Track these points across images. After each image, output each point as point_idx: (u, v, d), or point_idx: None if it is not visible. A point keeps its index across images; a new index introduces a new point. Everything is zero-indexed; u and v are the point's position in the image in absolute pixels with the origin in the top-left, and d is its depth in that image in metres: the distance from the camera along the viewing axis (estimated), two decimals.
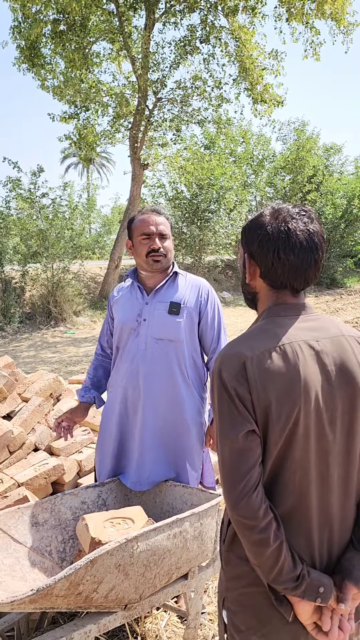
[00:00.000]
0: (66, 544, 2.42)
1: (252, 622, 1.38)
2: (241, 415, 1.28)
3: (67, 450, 3.55)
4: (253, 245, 1.42)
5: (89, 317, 14.73)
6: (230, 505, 1.28)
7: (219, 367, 1.33)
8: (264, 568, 1.29)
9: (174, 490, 2.60)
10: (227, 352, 1.35)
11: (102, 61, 14.28)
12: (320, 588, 1.30)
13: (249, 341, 1.35)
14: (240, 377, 1.29)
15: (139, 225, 2.60)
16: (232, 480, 1.28)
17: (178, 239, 18.49)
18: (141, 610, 2.14)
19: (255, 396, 1.28)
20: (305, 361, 1.33)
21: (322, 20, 12.49)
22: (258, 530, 1.26)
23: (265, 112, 13.58)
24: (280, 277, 1.39)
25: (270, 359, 1.31)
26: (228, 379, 1.30)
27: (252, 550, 1.29)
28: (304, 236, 1.37)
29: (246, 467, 1.28)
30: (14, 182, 13.50)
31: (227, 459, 1.30)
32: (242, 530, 1.29)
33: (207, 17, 12.76)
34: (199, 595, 2.37)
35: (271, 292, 1.44)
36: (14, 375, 4.14)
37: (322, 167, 26.43)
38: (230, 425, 1.29)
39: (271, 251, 1.37)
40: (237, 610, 1.41)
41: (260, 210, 1.46)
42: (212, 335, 2.66)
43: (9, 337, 12.46)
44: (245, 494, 1.26)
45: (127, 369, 2.59)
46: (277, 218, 1.39)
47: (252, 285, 1.48)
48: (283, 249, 1.36)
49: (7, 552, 2.17)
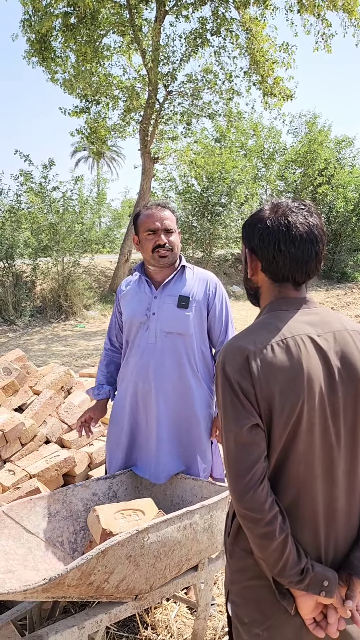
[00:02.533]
0: (77, 535, 2.44)
1: (256, 614, 1.39)
2: (245, 409, 1.29)
3: (78, 443, 3.58)
4: (254, 240, 1.44)
5: (99, 311, 14.77)
6: (236, 499, 1.29)
7: (222, 361, 1.34)
8: (269, 561, 1.30)
9: (184, 482, 2.62)
10: (230, 347, 1.36)
11: (112, 54, 14.24)
12: (324, 582, 1.30)
13: (252, 335, 1.36)
14: (243, 371, 1.30)
15: (144, 221, 2.60)
16: (238, 474, 1.29)
17: (188, 232, 18.45)
18: (151, 600, 2.17)
19: (258, 390, 1.29)
20: (308, 355, 1.33)
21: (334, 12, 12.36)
22: (264, 524, 1.27)
23: (275, 105, 13.49)
24: (282, 270, 1.41)
25: (273, 353, 1.31)
26: (231, 373, 1.31)
27: (257, 543, 1.30)
28: (303, 229, 1.38)
29: (251, 460, 1.29)
30: (25, 175, 13.52)
31: (232, 452, 1.31)
32: (247, 524, 1.30)
33: (218, 9, 12.66)
34: (209, 587, 2.39)
35: (273, 286, 1.45)
36: (25, 369, 4.18)
37: (334, 160, 26.24)
38: (234, 419, 1.30)
39: (272, 244, 1.39)
40: (240, 602, 1.43)
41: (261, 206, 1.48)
42: (220, 328, 2.67)
43: (20, 330, 12.53)
44: (250, 488, 1.27)
45: (137, 362, 2.60)
46: (276, 212, 1.41)
47: (254, 280, 1.50)
48: (284, 242, 1.38)
49: (20, 542, 2.20)
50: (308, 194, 25.23)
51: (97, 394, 2.85)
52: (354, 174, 26.05)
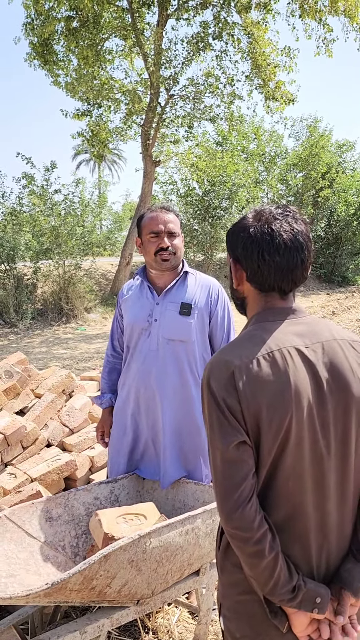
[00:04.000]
0: (79, 539, 2.44)
1: (247, 630, 1.36)
2: (231, 426, 1.26)
3: (79, 446, 3.58)
4: (237, 249, 1.40)
5: (100, 314, 14.77)
6: (224, 518, 1.26)
7: (208, 376, 1.31)
8: (260, 580, 1.27)
9: (186, 487, 2.62)
10: (215, 361, 1.32)
11: (114, 58, 14.28)
12: (317, 598, 1.28)
13: (238, 349, 1.32)
14: (229, 387, 1.27)
15: (147, 223, 2.58)
16: (225, 492, 1.26)
17: (189, 236, 18.46)
18: (153, 605, 2.16)
19: (245, 406, 1.25)
20: (295, 367, 1.30)
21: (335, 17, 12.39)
22: (253, 542, 1.24)
23: (277, 109, 13.52)
24: (267, 280, 1.37)
25: (259, 367, 1.28)
26: (217, 389, 1.27)
27: (247, 562, 1.27)
28: (288, 236, 1.34)
29: (239, 478, 1.25)
30: (28, 178, 13.55)
31: (219, 470, 1.27)
32: (236, 542, 1.27)
33: (219, 13, 12.71)
34: (210, 592, 2.38)
35: (259, 296, 1.41)
36: (27, 372, 4.18)
37: (335, 164, 26.27)
38: (220, 436, 1.26)
39: (256, 253, 1.35)
40: (232, 617, 1.40)
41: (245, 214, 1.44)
42: (221, 335, 2.66)
43: (21, 333, 12.53)
44: (239, 506, 1.24)
45: (139, 368, 2.60)
46: (259, 220, 1.37)
47: (240, 290, 1.46)
48: (267, 251, 1.34)
49: (22, 547, 2.20)
50: (309, 198, 25.25)
51: (101, 402, 2.87)
52: (355, 178, 26.07)
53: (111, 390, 2.86)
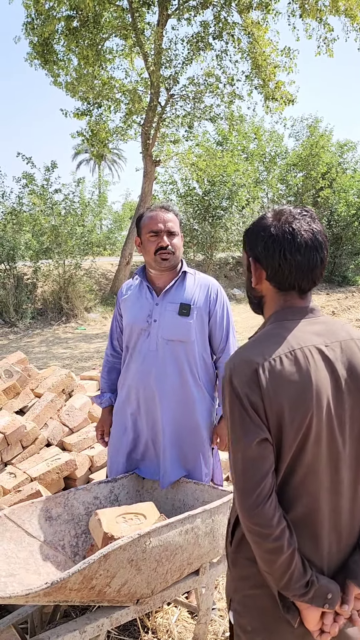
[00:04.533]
0: (79, 539, 2.44)
1: (258, 623, 1.38)
2: (254, 422, 1.27)
3: (79, 446, 3.58)
4: (257, 248, 1.41)
5: (100, 313, 14.77)
6: (244, 514, 1.27)
7: (230, 374, 1.32)
8: (276, 575, 1.28)
9: (186, 487, 2.62)
10: (237, 359, 1.33)
11: (114, 57, 14.28)
12: (328, 594, 1.30)
13: (260, 347, 1.33)
14: (252, 384, 1.28)
15: (147, 223, 2.58)
16: (246, 489, 1.27)
17: (189, 235, 18.46)
18: (153, 605, 2.16)
19: (267, 403, 1.27)
20: (316, 367, 1.32)
21: (336, 17, 12.38)
22: (272, 539, 1.25)
23: (277, 109, 13.51)
24: (288, 278, 1.38)
25: (282, 365, 1.29)
26: (240, 386, 1.28)
27: (264, 558, 1.29)
28: (308, 236, 1.36)
29: (260, 475, 1.26)
30: (28, 177, 13.55)
31: (240, 467, 1.28)
32: (255, 538, 1.28)
33: (220, 13, 12.70)
34: (210, 591, 2.39)
35: (278, 294, 1.42)
36: (27, 371, 4.18)
37: (336, 164, 26.26)
38: (242, 433, 1.28)
39: (277, 252, 1.36)
40: (243, 611, 1.42)
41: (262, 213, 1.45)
42: (220, 335, 2.66)
43: (21, 332, 12.53)
44: (259, 503, 1.25)
45: (138, 369, 2.60)
46: (279, 219, 1.39)
47: (258, 289, 1.47)
48: (289, 250, 1.35)
49: (21, 546, 2.20)
50: (309, 198, 25.24)
51: (100, 402, 2.87)
52: (356, 178, 26.06)
53: (111, 390, 2.86)
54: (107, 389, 2.87)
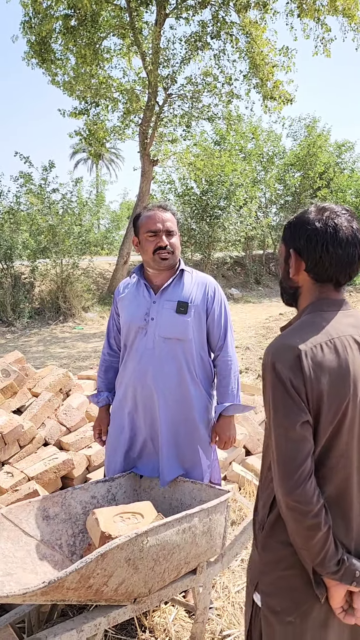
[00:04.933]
0: (76, 538, 2.44)
1: (289, 603, 1.45)
2: (297, 405, 1.34)
3: (76, 445, 3.58)
4: (300, 241, 1.48)
5: (98, 313, 14.77)
6: (286, 492, 1.34)
7: (272, 359, 1.38)
8: (313, 552, 1.36)
9: (183, 486, 2.62)
10: (279, 345, 1.40)
11: (112, 57, 14.26)
12: (356, 572, 1.38)
13: (300, 335, 1.41)
14: (295, 369, 1.35)
15: (145, 222, 2.58)
16: (289, 469, 1.34)
17: (187, 235, 18.46)
18: (150, 604, 2.17)
19: (309, 388, 1.34)
20: (354, 355, 1.40)
21: (334, 17, 12.38)
22: (312, 516, 1.33)
23: (275, 108, 13.51)
24: (327, 271, 1.46)
25: (322, 353, 1.37)
26: (283, 371, 1.35)
27: (303, 535, 1.36)
28: (349, 232, 1.45)
29: (302, 455, 1.34)
30: (25, 177, 13.54)
31: (283, 448, 1.35)
32: (296, 516, 1.35)
33: (218, 12, 12.69)
34: (207, 591, 2.39)
35: (315, 286, 1.50)
36: (24, 370, 4.18)
37: (333, 164, 26.28)
38: (286, 415, 1.35)
39: (320, 245, 1.44)
40: (273, 592, 1.48)
41: (304, 208, 1.54)
42: (218, 333, 2.66)
43: (19, 332, 12.52)
44: (301, 482, 1.33)
45: (136, 367, 2.60)
46: (323, 214, 1.47)
47: (295, 279, 1.54)
48: (332, 243, 1.43)
49: (19, 545, 2.20)
50: (307, 198, 25.27)
51: (97, 401, 2.86)
52: (353, 177, 26.09)
53: (107, 389, 2.86)
54: (104, 388, 2.87)
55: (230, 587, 2.89)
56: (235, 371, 2.68)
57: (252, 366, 8.10)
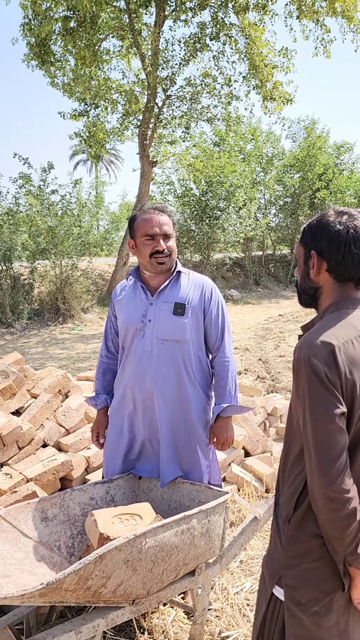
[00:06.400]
0: (75, 539, 2.44)
1: (315, 594, 1.51)
2: (335, 398, 1.39)
3: (75, 447, 3.58)
4: (322, 242, 1.55)
5: (97, 314, 14.77)
6: (327, 483, 1.38)
7: (307, 354, 1.43)
8: (347, 540, 1.42)
9: (182, 487, 2.62)
10: (312, 341, 1.45)
11: (111, 58, 14.26)
12: None
13: (331, 330, 1.46)
14: (330, 363, 1.40)
15: (141, 225, 2.56)
16: (329, 460, 1.39)
17: (186, 236, 18.46)
18: (149, 605, 2.16)
19: (344, 381, 1.40)
20: None
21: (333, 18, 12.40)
22: (349, 504, 1.39)
23: (275, 109, 13.51)
24: (350, 270, 1.53)
25: (354, 348, 1.44)
26: (319, 365, 1.40)
27: (340, 524, 1.40)
28: None
29: (340, 446, 1.39)
30: (24, 178, 13.54)
31: (322, 440, 1.39)
32: (335, 506, 1.39)
33: (217, 14, 12.69)
34: (206, 592, 2.38)
35: (336, 285, 1.57)
36: (23, 372, 4.17)
37: (332, 165, 26.28)
38: (324, 408, 1.39)
39: (342, 246, 1.51)
40: (299, 585, 1.53)
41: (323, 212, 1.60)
42: (216, 334, 2.66)
43: (18, 333, 12.52)
44: (341, 472, 1.38)
45: (134, 370, 2.60)
46: (342, 217, 1.54)
47: (315, 280, 1.60)
48: (354, 244, 1.50)
49: (17, 547, 2.20)
50: (306, 199, 25.28)
51: (95, 404, 2.85)
52: (352, 179, 26.09)
53: (106, 391, 2.85)
54: (102, 390, 2.86)
55: (229, 588, 2.89)
56: (232, 372, 2.67)
57: (251, 367, 8.10)
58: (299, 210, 25.23)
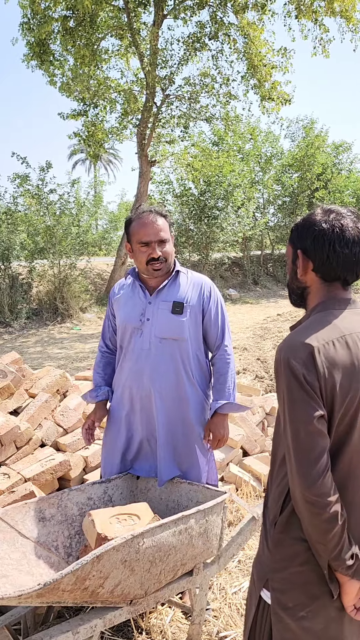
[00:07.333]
0: (72, 539, 2.44)
1: (302, 598, 1.47)
2: (313, 400, 1.37)
3: (73, 446, 3.58)
4: (307, 241, 1.52)
5: (96, 314, 14.76)
6: (307, 486, 1.36)
7: (286, 356, 1.41)
8: (330, 545, 1.39)
9: (180, 487, 2.61)
10: (292, 342, 1.43)
11: (110, 57, 14.25)
12: None
13: (312, 332, 1.44)
14: (309, 365, 1.38)
15: (137, 231, 2.53)
16: (309, 462, 1.36)
17: (185, 235, 18.45)
18: (146, 605, 2.16)
19: (323, 383, 1.38)
20: None
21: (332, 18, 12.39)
22: (330, 508, 1.36)
23: (273, 109, 13.51)
24: (335, 270, 1.50)
25: (334, 349, 1.41)
26: (297, 367, 1.38)
27: (322, 528, 1.38)
28: (355, 232, 1.49)
29: (320, 449, 1.37)
30: (22, 177, 13.53)
31: (302, 442, 1.37)
32: (315, 510, 1.37)
33: (216, 13, 12.69)
34: (204, 592, 2.38)
35: (323, 285, 1.54)
36: (21, 371, 4.17)
37: (331, 165, 26.29)
38: (303, 410, 1.37)
39: (327, 245, 1.48)
40: (286, 588, 1.50)
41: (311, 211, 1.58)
42: (216, 333, 2.66)
43: (16, 332, 12.50)
44: (320, 475, 1.36)
45: (132, 368, 2.59)
46: (329, 216, 1.51)
47: (302, 280, 1.58)
48: (338, 243, 1.47)
49: (14, 547, 2.19)
50: (305, 199, 25.29)
51: (96, 395, 2.77)
52: (351, 178, 26.11)
53: (106, 383, 2.79)
54: (102, 382, 2.79)
55: (227, 588, 2.89)
56: (232, 370, 2.67)
57: (249, 367, 8.09)
58: (297, 209, 25.24)
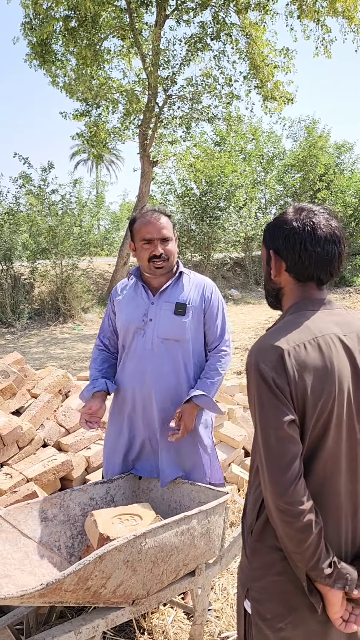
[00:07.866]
0: (75, 540, 2.44)
1: (280, 609, 1.41)
2: (283, 404, 1.32)
3: (75, 446, 3.58)
4: (278, 241, 1.48)
5: (98, 314, 14.77)
6: (278, 494, 1.30)
7: (256, 359, 1.36)
8: (306, 555, 1.32)
9: (182, 487, 2.61)
10: (262, 345, 1.38)
11: (112, 58, 14.24)
12: (347, 575, 1.35)
13: (283, 334, 1.39)
14: (278, 369, 1.33)
15: (140, 229, 2.55)
16: (279, 469, 1.31)
17: (187, 236, 18.43)
18: (148, 606, 2.16)
19: (293, 387, 1.33)
20: (337, 353, 1.39)
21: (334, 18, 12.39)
22: (303, 517, 1.30)
23: (275, 109, 13.51)
24: (308, 269, 1.45)
25: (306, 351, 1.36)
26: (266, 371, 1.33)
27: (295, 537, 1.32)
28: (327, 230, 1.44)
29: (291, 455, 1.31)
30: (25, 177, 13.55)
31: (273, 448, 1.32)
32: (287, 518, 1.31)
33: (218, 14, 12.68)
34: (206, 592, 2.38)
35: (297, 285, 1.49)
36: (23, 372, 4.17)
37: (333, 165, 26.27)
38: (273, 415, 1.32)
39: (298, 244, 1.43)
40: (263, 598, 1.44)
41: (283, 210, 1.53)
42: (215, 334, 2.67)
43: (18, 333, 12.52)
44: (292, 482, 1.30)
45: (134, 368, 2.59)
46: (300, 214, 1.47)
47: (276, 280, 1.53)
48: (310, 242, 1.43)
49: (17, 547, 2.20)
50: (307, 199, 25.26)
51: (93, 387, 2.64)
52: (353, 179, 26.08)
53: (103, 376, 2.70)
54: (100, 375, 2.70)
55: (229, 588, 2.89)
56: (223, 370, 2.64)
57: None
58: None
